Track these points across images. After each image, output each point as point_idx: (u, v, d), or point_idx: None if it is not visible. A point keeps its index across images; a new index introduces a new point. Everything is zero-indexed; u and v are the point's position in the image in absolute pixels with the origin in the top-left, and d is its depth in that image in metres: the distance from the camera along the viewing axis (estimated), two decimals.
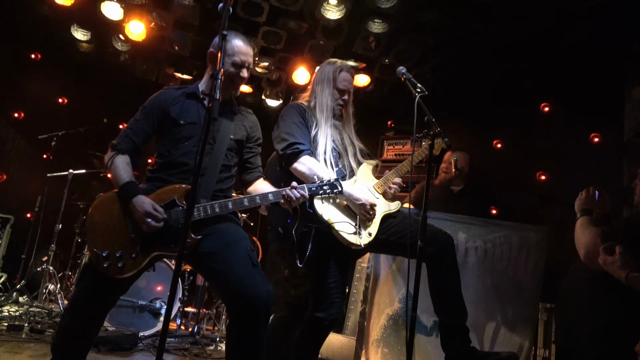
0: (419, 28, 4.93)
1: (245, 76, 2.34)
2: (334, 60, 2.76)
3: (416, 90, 2.31)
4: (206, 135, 1.77)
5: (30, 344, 3.55)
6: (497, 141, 5.70)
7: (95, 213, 2.15)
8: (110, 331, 3.85)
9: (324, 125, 2.56)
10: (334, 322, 2.47)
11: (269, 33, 5.26)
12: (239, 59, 2.28)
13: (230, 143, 2.34)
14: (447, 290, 2.38)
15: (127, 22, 5.16)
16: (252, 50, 2.36)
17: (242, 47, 2.28)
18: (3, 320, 4.20)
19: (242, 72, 2.31)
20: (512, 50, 5.01)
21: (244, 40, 2.30)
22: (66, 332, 2.12)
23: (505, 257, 3.22)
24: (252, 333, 2.02)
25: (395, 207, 2.62)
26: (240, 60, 2.28)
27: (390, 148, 5.64)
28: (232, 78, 2.30)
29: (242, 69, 2.31)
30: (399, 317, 3.11)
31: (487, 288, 3.20)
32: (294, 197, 2.17)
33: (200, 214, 2.10)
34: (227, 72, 2.28)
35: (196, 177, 1.75)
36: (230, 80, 2.30)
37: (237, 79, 2.32)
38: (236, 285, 2.02)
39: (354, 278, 3.97)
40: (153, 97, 2.36)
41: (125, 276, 2.07)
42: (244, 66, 2.30)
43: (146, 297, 4.26)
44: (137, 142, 2.28)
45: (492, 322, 3.15)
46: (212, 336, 4.65)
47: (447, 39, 5.02)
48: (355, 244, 2.41)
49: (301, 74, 5.75)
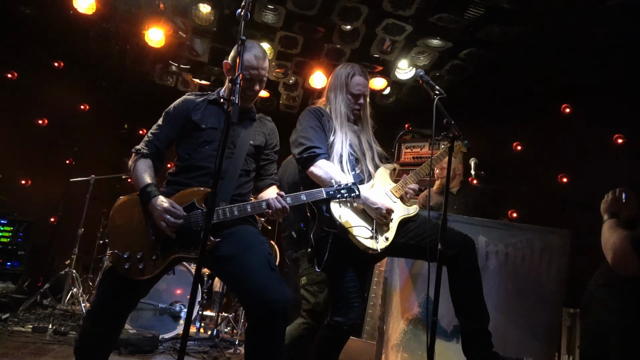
0: (435, 30, 4.90)
1: (257, 89, 2.35)
2: (347, 64, 2.73)
3: (434, 93, 2.29)
4: (226, 138, 1.79)
5: (54, 346, 3.62)
6: (517, 143, 5.63)
7: (116, 215, 2.18)
8: (132, 334, 3.89)
9: (339, 131, 2.55)
10: (353, 326, 2.46)
11: (286, 38, 5.29)
12: (249, 74, 2.26)
13: (250, 148, 2.36)
14: (469, 294, 2.34)
15: (146, 29, 5.25)
16: (266, 62, 2.34)
17: (253, 62, 2.26)
18: (28, 322, 4.29)
19: (255, 86, 2.32)
20: (531, 51, 4.94)
21: (255, 53, 2.27)
22: (89, 335, 2.15)
23: (527, 261, 3.16)
24: (270, 337, 2.02)
25: (413, 211, 2.58)
26: (250, 74, 2.27)
27: (408, 151, 5.61)
28: (245, 90, 2.29)
29: (254, 83, 2.31)
30: (419, 321, 3.08)
31: (509, 292, 3.14)
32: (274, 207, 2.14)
33: (219, 217, 2.11)
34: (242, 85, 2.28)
35: (216, 179, 1.77)
36: (243, 92, 2.30)
37: (248, 91, 2.32)
38: (254, 290, 2.03)
39: (372, 282, 3.95)
40: (176, 103, 2.39)
41: (145, 278, 2.09)
42: (254, 80, 2.30)
43: (166, 300, 4.31)
44: (160, 146, 2.31)
45: (513, 328, 3.09)
46: (231, 339, 4.68)
47: (465, 40, 4.98)
48: (372, 248, 2.39)
49: (318, 78, 5.77)
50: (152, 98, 5.83)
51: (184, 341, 1.71)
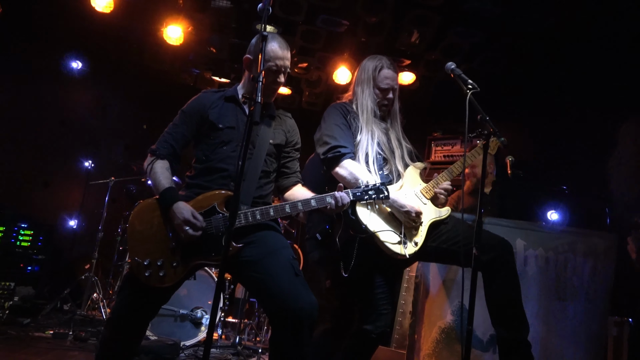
0: (467, 20, 4.82)
1: (281, 81, 2.35)
2: (375, 56, 2.69)
3: (467, 87, 2.25)
4: (248, 140, 1.79)
5: (75, 352, 3.72)
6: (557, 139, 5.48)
7: (136, 221, 2.19)
8: (153, 340, 3.96)
9: (365, 128, 2.53)
10: (382, 334, 2.44)
11: (308, 32, 5.29)
12: (275, 65, 2.27)
13: (270, 148, 2.36)
14: (506, 302, 2.29)
15: (164, 26, 5.34)
16: (289, 53, 2.35)
17: (278, 52, 2.27)
18: (48, 327, 4.41)
19: (279, 77, 2.32)
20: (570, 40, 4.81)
21: (280, 44, 2.29)
22: (109, 342, 2.18)
23: (569, 266, 3.08)
24: (296, 346, 2.01)
25: (445, 214, 2.54)
26: (276, 65, 2.28)
27: (439, 149, 5.54)
28: (268, 84, 2.30)
29: (279, 74, 2.31)
30: (451, 330, 3.04)
31: (549, 300, 3.07)
32: (336, 204, 2.15)
33: (242, 222, 2.12)
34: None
35: (238, 183, 1.77)
36: (266, 85, 2.32)
37: (273, 85, 2.32)
38: (278, 296, 2.02)
39: (402, 288, 3.91)
40: (192, 100, 2.40)
41: (166, 285, 2.11)
42: (280, 72, 2.31)
43: (187, 306, 4.37)
44: (176, 147, 2.32)
45: (555, 338, 3.01)
46: (254, 347, 4.71)
47: (499, 30, 4.89)
48: (400, 254, 2.36)
49: (342, 74, 5.75)
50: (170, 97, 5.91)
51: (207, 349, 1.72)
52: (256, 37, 2.14)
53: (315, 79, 6.36)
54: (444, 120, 6.08)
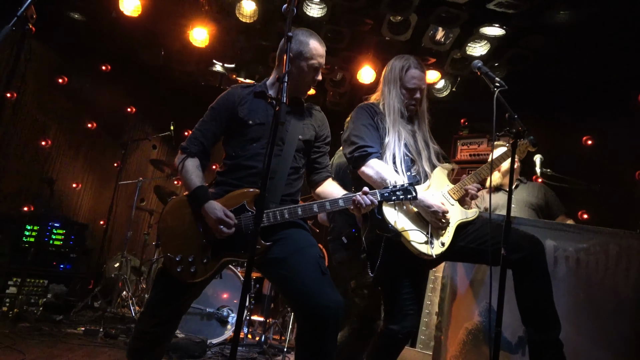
0: (494, 17, 4.76)
1: (319, 79, 2.38)
2: (402, 56, 2.68)
3: (494, 85, 2.23)
4: (274, 140, 1.81)
5: (105, 349, 3.82)
6: (587, 137, 5.36)
7: (168, 217, 2.25)
8: (180, 338, 4.04)
9: (391, 129, 2.52)
10: (408, 335, 2.43)
11: (332, 32, 5.30)
12: (317, 62, 2.31)
13: (299, 144, 2.36)
14: (537, 301, 2.25)
15: (190, 28, 5.43)
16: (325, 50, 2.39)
17: (320, 50, 2.32)
18: (80, 324, 4.55)
19: (319, 75, 2.36)
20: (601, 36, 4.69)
21: (319, 41, 2.33)
22: (142, 337, 2.24)
23: (601, 267, 3.00)
24: (321, 344, 2.02)
25: (472, 215, 2.52)
26: (319, 63, 2.32)
27: (465, 148, 5.48)
28: (307, 82, 2.34)
29: (319, 72, 2.35)
30: (479, 331, 3.00)
31: (580, 302, 2.99)
32: (364, 204, 2.15)
33: (270, 220, 2.15)
34: (303, 75, 2.32)
35: (264, 182, 1.79)
36: (304, 82, 2.35)
37: (313, 82, 2.36)
38: (305, 294, 2.04)
39: (428, 289, 3.89)
40: (221, 97, 2.42)
41: (197, 281, 2.16)
42: (318, 70, 2.34)
43: (213, 304, 4.44)
44: (206, 144, 2.35)
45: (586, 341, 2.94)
46: (280, 346, 4.75)
47: (527, 26, 4.80)
48: (427, 254, 2.35)
49: (366, 73, 5.74)
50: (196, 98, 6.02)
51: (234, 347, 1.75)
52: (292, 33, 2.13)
53: (339, 78, 6.37)
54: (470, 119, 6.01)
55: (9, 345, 3.40)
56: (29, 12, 1.87)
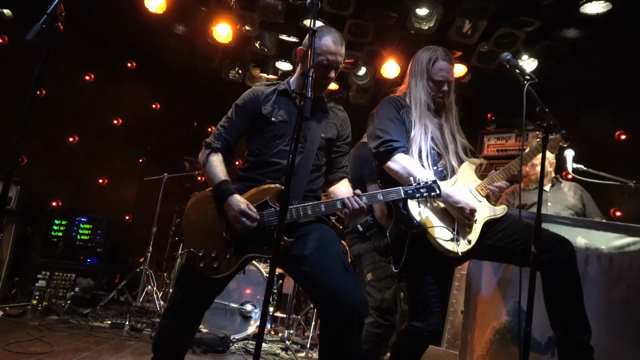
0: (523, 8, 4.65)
1: (332, 77, 2.34)
2: (429, 47, 2.62)
3: (524, 78, 2.17)
4: (298, 135, 1.81)
5: (131, 342, 3.89)
6: (620, 132, 5.21)
7: (192, 212, 2.27)
8: (204, 333, 4.09)
9: (418, 123, 2.48)
10: (433, 332, 2.40)
11: (356, 26, 5.26)
12: (326, 60, 2.27)
13: (321, 142, 2.36)
14: (566, 303, 2.19)
15: (214, 25, 5.47)
16: (343, 49, 2.34)
17: (331, 47, 2.27)
18: (106, 318, 4.65)
19: (330, 73, 2.32)
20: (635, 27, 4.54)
21: (334, 38, 2.28)
22: (167, 332, 2.27)
23: (635, 266, 2.91)
24: (345, 341, 2.00)
25: (500, 212, 2.46)
26: (328, 60, 2.27)
27: (492, 143, 5.38)
28: (317, 79, 2.29)
29: (329, 70, 2.31)
30: (507, 331, 2.95)
31: (613, 303, 2.91)
32: (351, 207, 2.12)
33: (293, 216, 2.14)
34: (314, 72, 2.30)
35: (288, 179, 1.79)
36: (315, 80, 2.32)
37: (323, 80, 2.33)
38: (328, 291, 2.02)
39: (453, 287, 3.84)
40: (245, 94, 2.44)
41: (219, 276, 2.17)
42: (331, 67, 2.30)
43: (237, 300, 4.48)
44: (230, 140, 2.37)
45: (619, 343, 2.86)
46: (302, 342, 4.76)
47: (557, 18, 4.68)
48: (452, 251, 2.31)
49: (390, 68, 5.68)
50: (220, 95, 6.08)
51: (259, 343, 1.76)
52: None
53: (363, 73, 6.32)
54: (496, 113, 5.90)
55: (38, 338, 3.51)
56: (58, 10, 1.91)
